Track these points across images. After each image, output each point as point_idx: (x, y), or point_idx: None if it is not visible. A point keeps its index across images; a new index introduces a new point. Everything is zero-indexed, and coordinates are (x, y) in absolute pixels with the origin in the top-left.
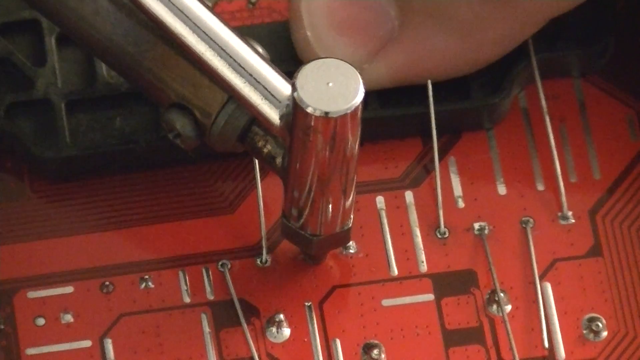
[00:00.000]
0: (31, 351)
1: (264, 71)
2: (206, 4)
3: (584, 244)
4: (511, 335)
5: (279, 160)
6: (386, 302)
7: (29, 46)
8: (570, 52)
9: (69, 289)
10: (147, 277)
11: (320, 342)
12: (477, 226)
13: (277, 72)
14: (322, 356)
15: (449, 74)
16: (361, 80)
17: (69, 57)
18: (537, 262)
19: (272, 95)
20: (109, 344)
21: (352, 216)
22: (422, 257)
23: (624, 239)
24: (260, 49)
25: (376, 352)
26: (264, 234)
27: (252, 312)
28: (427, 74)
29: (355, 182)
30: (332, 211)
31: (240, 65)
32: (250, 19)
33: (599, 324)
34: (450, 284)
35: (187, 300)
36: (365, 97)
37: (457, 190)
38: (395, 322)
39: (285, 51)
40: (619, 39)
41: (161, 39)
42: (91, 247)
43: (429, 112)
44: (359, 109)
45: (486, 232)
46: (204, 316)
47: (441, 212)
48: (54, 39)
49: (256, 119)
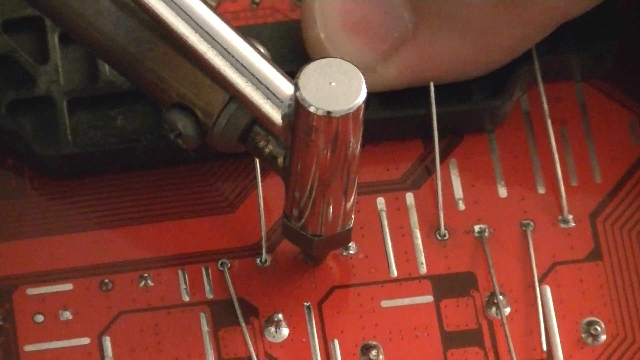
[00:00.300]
0: (30, 348)
1: (266, 71)
2: (209, 4)
3: (584, 247)
4: (510, 338)
5: (280, 160)
6: (385, 303)
7: (32, 43)
8: (572, 56)
9: (69, 287)
10: (146, 275)
11: (318, 342)
12: (477, 228)
13: (279, 72)
14: (321, 356)
15: (459, 77)
16: (364, 80)
17: (71, 55)
18: (536, 265)
19: (274, 95)
20: (108, 342)
21: (353, 217)
22: (422, 258)
23: (624, 243)
24: (261, 49)
25: (374, 353)
26: (263, 233)
27: (251, 311)
28: (438, 77)
29: (356, 182)
30: (333, 211)
31: (242, 64)
32: (253, 19)
33: (598, 328)
34: (449, 286)
35: (186, 299)
36: (367, 97)
37: (458, 192)
38: (394, 323)
39: (288, 51)
40: (621, 42)
41: (163, 39)
42: (91, 245)
43: (430, 114)
44: (362, 109)
45: (486, 234)
46: (203, 315)
47: (441, 214)
48: (56, 37)
49: (258, 118)
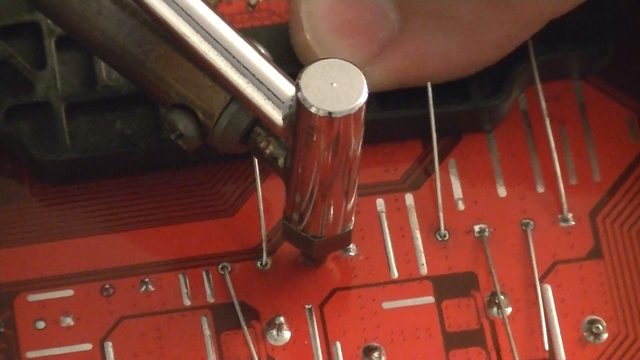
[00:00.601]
0: (31, 354)
1: (267, 72)
2: (210, 4)
3: (585, 246)
4: (512, 337)
5: (281, 161)
6: (387, 305)
7: (29, 49)
8: (570, 54)
9: (69, 292)
10: (147, 280)
11: (320, 344)
12: (477, 228)
13: (280, 72)
14: (323, 359)
15: (449, 76)
16: (365, 80)
17: (68, 60)
18: (537, 264)
19: (275, 95)
20: (110, 347)
21: (353, 218)
22: (423, 259)
23: (624, 241)
24: (262, 50)
25: (377, 354)
26: (264, 236)
27: (252, 314)
28: (428, 76)
29: (357, 183)
30: (333, 213)
31: (243, 65)
32: (249, 22)
33: (600, 326)
34: (450, 286)
35: (187, 303)
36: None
37: (457, 192)
38: (395, 324)
39: (284, 54)
40: (619, 40)
41: (164, 39)
42: (91, 250)
43: (429, 114)
44: (363, 110)
45: (486, 234)
46: (204, 319)
47: (441, 215)
48: (53, 42)
49: (259, 119)
